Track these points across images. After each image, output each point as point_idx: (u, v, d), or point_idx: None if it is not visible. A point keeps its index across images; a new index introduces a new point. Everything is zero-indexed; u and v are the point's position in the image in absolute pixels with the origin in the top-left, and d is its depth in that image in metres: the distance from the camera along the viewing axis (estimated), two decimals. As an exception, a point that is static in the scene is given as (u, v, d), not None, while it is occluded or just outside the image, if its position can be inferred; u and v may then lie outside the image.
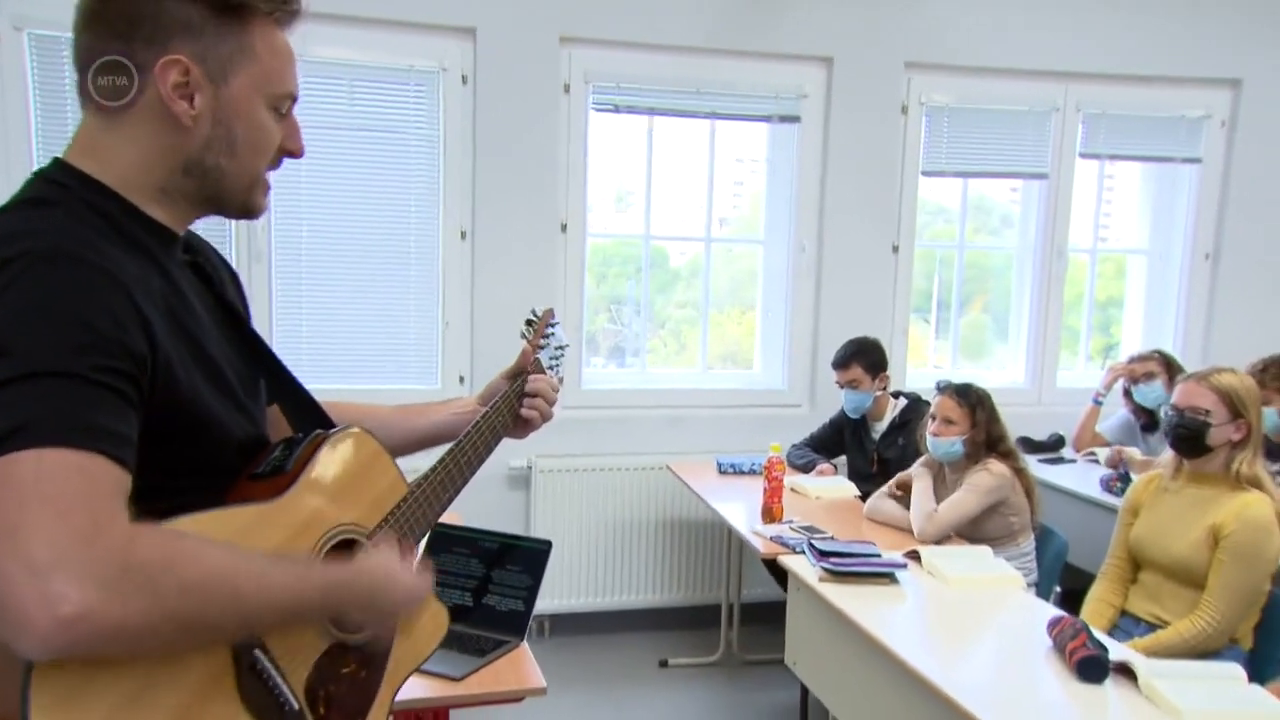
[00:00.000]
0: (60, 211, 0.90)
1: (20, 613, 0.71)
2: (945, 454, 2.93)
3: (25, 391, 0.77)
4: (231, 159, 0.99)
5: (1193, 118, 4.44)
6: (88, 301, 0.83)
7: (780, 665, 3.81)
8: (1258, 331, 4.35)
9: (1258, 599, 2.36)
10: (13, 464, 0.74)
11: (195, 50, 0.95)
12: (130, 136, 0.96)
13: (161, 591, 0.78)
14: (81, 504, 0.75)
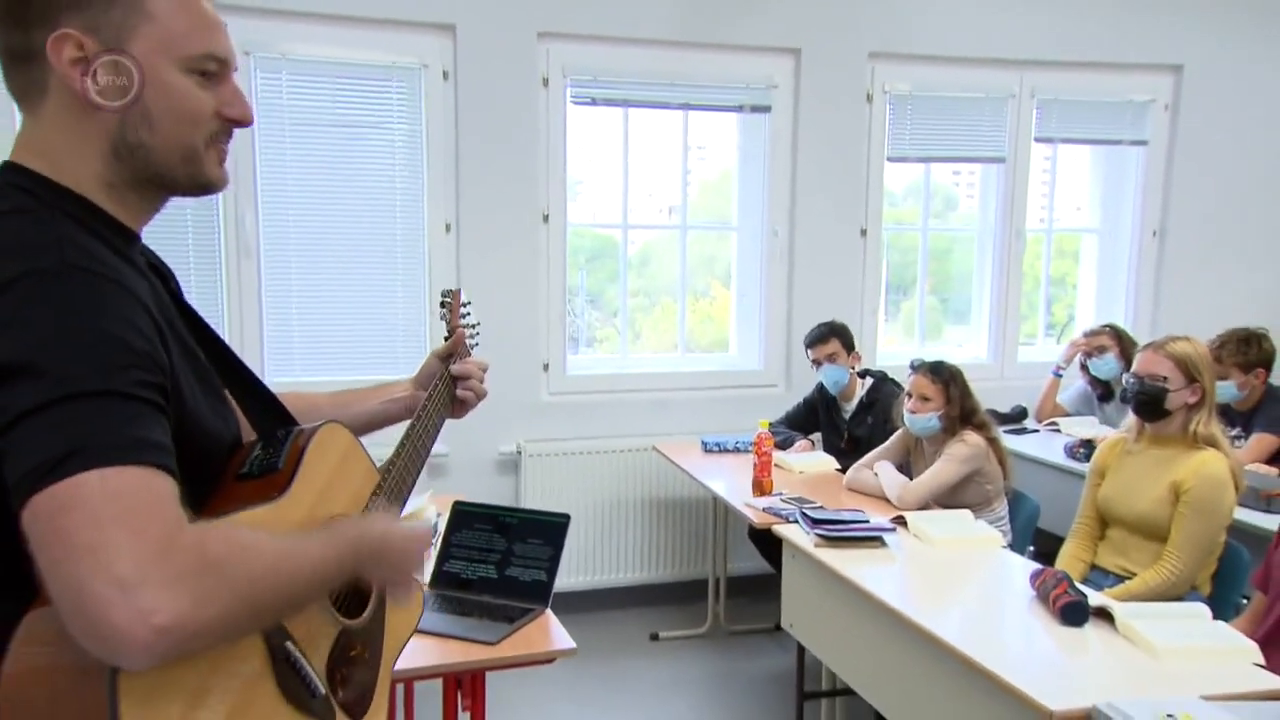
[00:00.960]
0: (46, 221, 0.88)
1: (117, 629, 0.73)
2: (923, 429, 3.09)
3: (71, 413, 0.77)
4: (152, 133, 0.94)
5: (1138, 102, 4.66)
6: (111, 316, 0.83)
7: (766, 634, 4.00)
8: (1203, 303, 4.62)
9: (1215, 549, 2.56)
10: (78, 487, 0.75)
11: (85, 22, 0.89)
12: (54, 126, 0.92)
13: (236, 586, 0.81)
14: (151, 518, 0.77)
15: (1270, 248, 4.84)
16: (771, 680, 3.60)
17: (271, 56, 3.65)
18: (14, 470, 0.77)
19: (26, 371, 0.77)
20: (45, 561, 0.75)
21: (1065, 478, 3.50)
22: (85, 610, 0.73)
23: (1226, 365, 3.50)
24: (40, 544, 0.75)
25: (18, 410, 0.77)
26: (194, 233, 3.68)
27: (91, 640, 0.74)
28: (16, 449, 0.76)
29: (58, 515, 0.74)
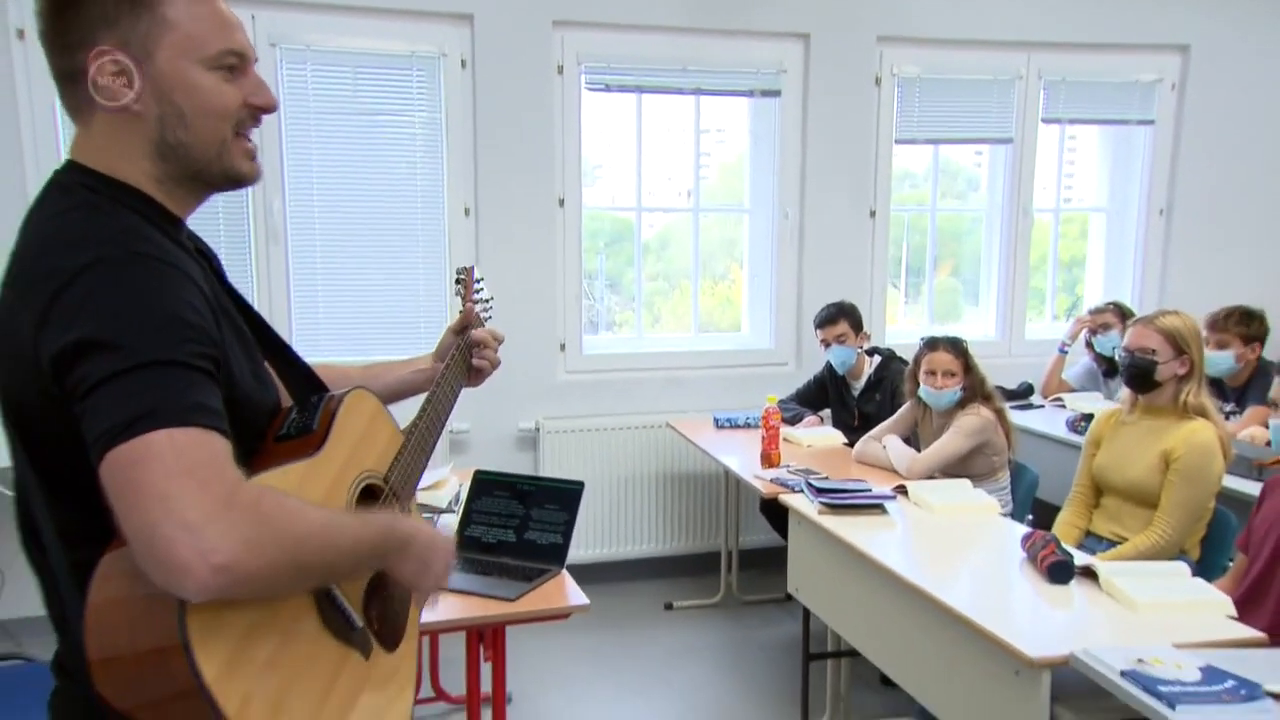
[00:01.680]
0: (111, 213, 0.99)
1: (182, 564, 0.84)
2: (947, 403, 3.19)
3: (142, 380, 0.88)
4: (187, 130, 1.04)
5: (1145, 82, 4.72)
6: (172, 296, 0.94)
7: (776, 604, 4.14)
8: (1208, 280, 4.69)
9: (1204, 514, 2.67)
10: (150, 443, 0.86)
11: (116, 38, 1.00)
12: (104, 134, 1.03)
13: (285, 543, 0.92)
14: (214, 473, 0.88)
15: (1274, 226, 4.89)
16: (781, 647, 3.73)
17: (297, 48, 3.79)
18: (92, 429, 0.88)
19: (102, 346, 0.89)
20: (122, 507, 0.86)
21: (1065, 450, 3.60)
22: (156, 548, 0.84)
23: (1230, 334, 3.59)
24: (117, 492, 0.86)
25: (96, 378, 0.88)
26: (225, 220, 3.83)
27: (159, 574, 0.85)
28: (94, 411, 0.88)
29: (133, 467, 0.86)
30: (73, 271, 0.92)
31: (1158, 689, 1.62)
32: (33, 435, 0.98)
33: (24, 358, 0.94)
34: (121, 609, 0.91)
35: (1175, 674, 1.68)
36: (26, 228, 1.02)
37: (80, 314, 0.90)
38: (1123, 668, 1.70)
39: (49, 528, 0.99)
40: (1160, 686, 1.63)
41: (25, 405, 0.97)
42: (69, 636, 1.03)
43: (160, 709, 0.91)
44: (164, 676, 0.89)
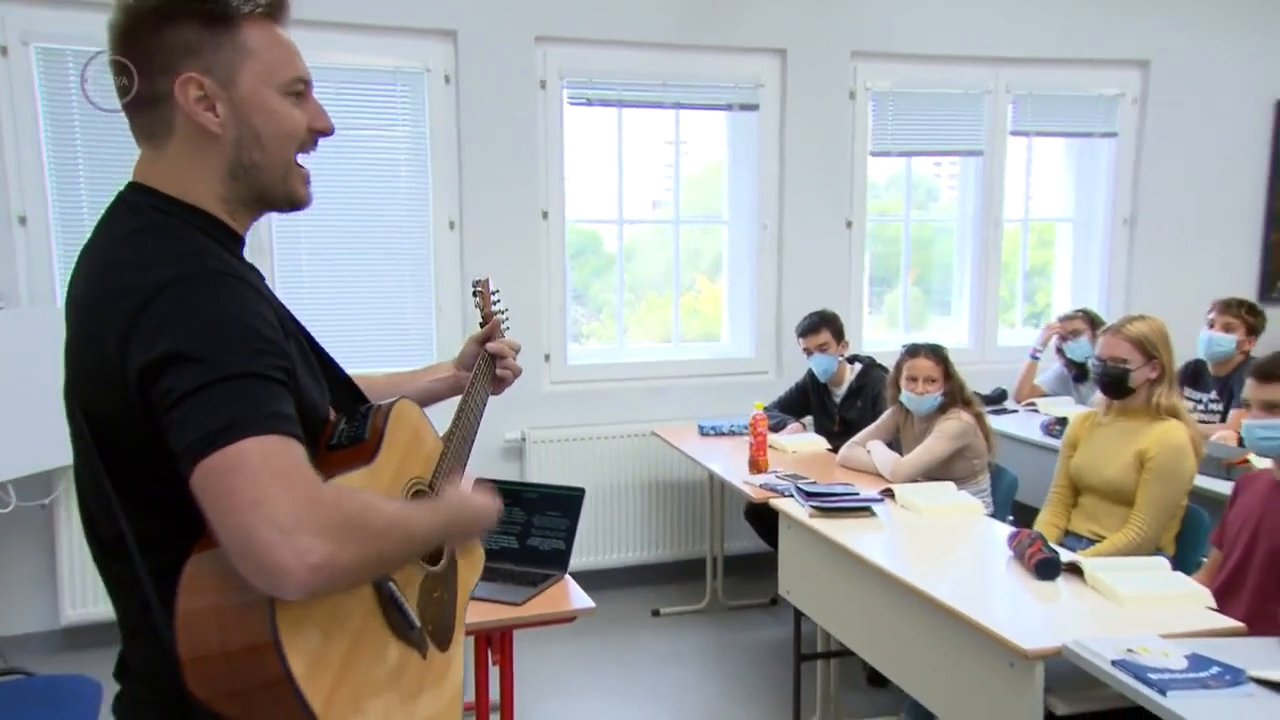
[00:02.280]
0: (183, 233, 1.04)
1: (279, 565, 0.87)
2: (928, 408, 3.27)
3: (226, 392, 0.92)
4: (263, 152, 1.10)
5: (1108, 96, 4.88)
6: (247, 311, 0.98)
7: (761, 608, 4.21)
8: (1171, 287, 4.85)
9: (1177, 511, 2.77)
10: (240, 452, 0.89)
11: (201, 65, 1.05)
12: (181, 155, 1.08)
13: (366, 537, 0.96)
14: (299, 476, 0.91)
15: (1234, 234, 5.07)
16: (767, 650, 3.79)
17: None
18: (181, 440, 0.92)
19: (186, 359, 0.93)
20: (217, 513, 0.90)
21: (1041, 453, 3.70)
22: (254, 551, 0.88)
23: (1239, 319, 3.75)
24: (211, 499, 0.90)
25: (182, 391, 0.92)
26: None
27: (258, 576, 0.89)
28: (182, 423, 0.92)
29: (226, 475, 0.89)
30: (153, 288, 0.96)
31: (1148, 677, 1.70)
32: (112, 447, 1.01)
33: (106, 371, 0.98)
34: (212, 611, 0.95)
35: (1163, 662, 1.76)
36: (97, 247, 1.06)
37: (163, 329, 0.94)
38: (1114, 657, 1.78)
39: (129, 536, 1.02)
40: (1150, 674, 1.71)
41: (106, 418, 1.00)
42: (143, 640, 1.06)
43: (251, 705, 0.95)
44: (256, 674, 0.93)
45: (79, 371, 1.03)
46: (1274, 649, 1.86)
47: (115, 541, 1.04)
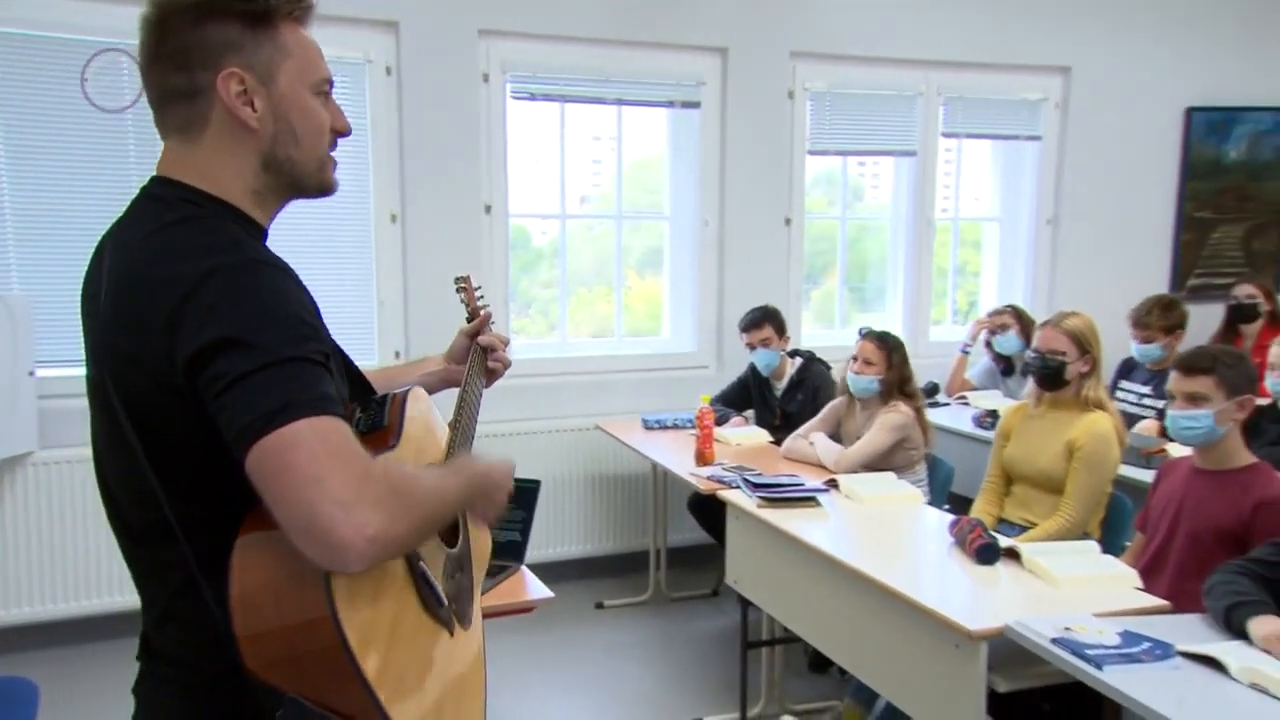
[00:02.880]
0: (218, 224, 1.07)
1: (341, 539, 0.91)
2: (863, 390, 3.37)
3: (276, 376, 0.95)
4: (297, 147, 1.14)
5: (1032, 100, 5.07)
6: (290, 298, 1.02)
7: (704, 599, 4.27)
8: (1092, 284, 5.07)
9: (1103, 498, 2.91)
10: (296, 432, 0.92)
11: (243, 61, 1.08)
12: (214, 149, 1.10)
13: (413, 506, 1.00)
14: (351, 454, 0.95)
15: (1150, 234, 5.32)
16: (710, 640, 3.85)
17: (215, 50, 3.71)
18: (235, 422, 0.94)
19: (235, 346, 0.95)
20: (276, 491, 0.92)
21: (973, 444, 3.84)
22: (315, 527, 0.91)
23: (1154, 330, 3.90)
24: (270, 477, 0.92)
25: (233, 376, 0.94)
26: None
27: (319, 550, 0.92)
28: (234, 406, 0.94)
29: (284, 453, 0.92)
30: (197, 278, 0.98)
31: (1085, 653, 1.80)
32: (156, 434, 1.03)
33: (151, 361, 1.00)
34: (267, 589, 0.98)
35: (1098, 639, 1.86)
36: (126, 240, 1.07)
37: (210, 317, 0.97)
38: (1053, 636, 1.87)
39: (172, 521, 1.04)
40: (1087, 650, 1.80)
41: (150, 406, 1.02)
42: (173, 623, 1.09)
43: (308, 676, 0.98)
44: (312, 645, 0.96)
45: (117, 361, 1.04)
46: (1197, 625, 1.98)
47: (151, 527, 1.06)
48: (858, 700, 2.83)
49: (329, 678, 0.97)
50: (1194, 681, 1.73)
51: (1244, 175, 5.41)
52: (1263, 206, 5.48)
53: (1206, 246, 5.42)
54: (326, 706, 0.98)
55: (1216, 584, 1.99)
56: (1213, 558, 2.23)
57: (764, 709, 3.17)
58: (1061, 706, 2.14)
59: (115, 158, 3.67)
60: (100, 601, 3.69)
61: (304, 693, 0.98)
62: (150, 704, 1.14)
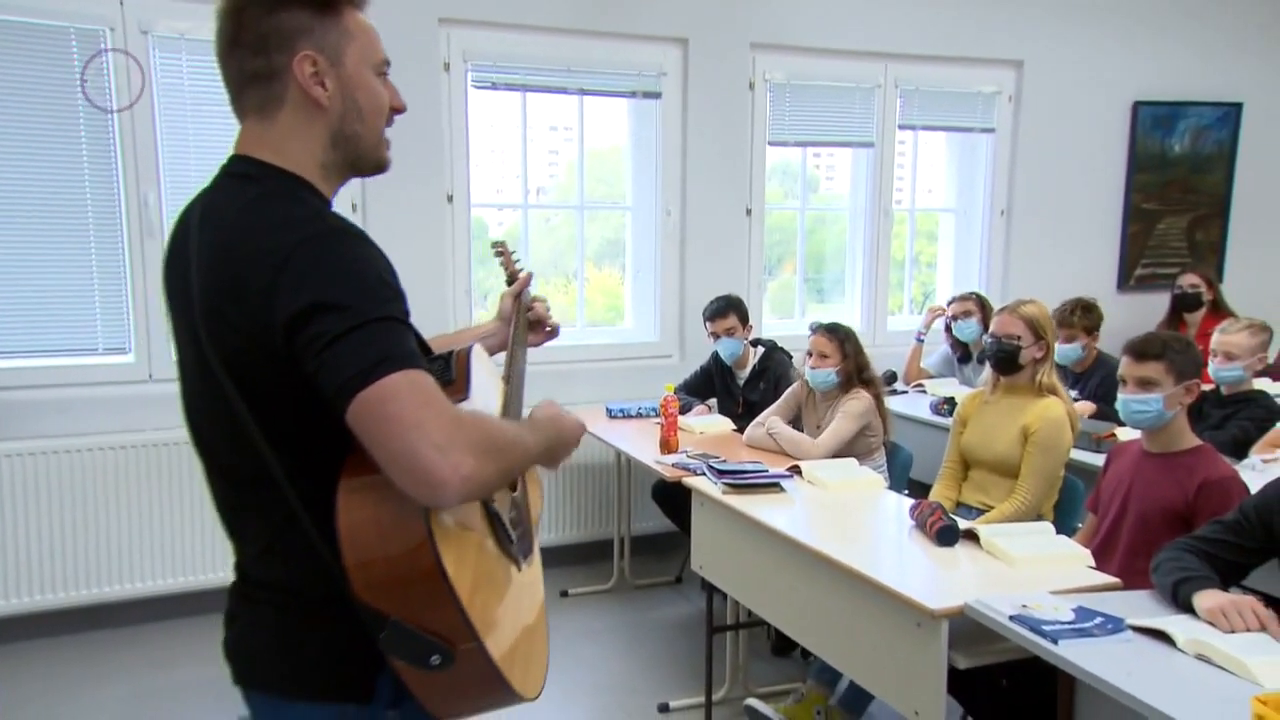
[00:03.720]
0: (302, 198, 1.17)
1: (439, 478, 1.01)
2: (822, 383, 3.43)
3: (371, 334, 1.05)
4: (362, 123, 1.23)
5: (986, 93, 5.17)
6: (374, 263, 1.11)
7: (668, 586, 4.31)
8: (1044, 274, 5.19)
9: (1056, 481, 3.00)
10: (394, 383, 1.03)
11: (314, 44, 1.18)
12: (289, 126, 1.20)
13: (499, 451, 1.10)
14: (442, 402, 1.05)
15: (1099, 224, 5.47)
16: (674, 626, 3.90)
17: (170, 36, 3.65)
18: (334, 379, 1.04)
19: (331, 308, 1.05)
20: (378, 437, 1.02)
21: (931, 431, 3.93)
22: (417, 468, 1.01)
23: (1076, 329, 4.01)
24: (372, 425, 1.02)
25: (331, 335, 1.04)
26: (94, 212, 3.65)
27: (419, 488, 1.03)
28: (334, 361, 1.04)
29: (385, 403, 1.02)
30: (288, 248, 1.08)
31: (1042, 629, 1.86)
32: (256, 393, 1.13)
33: (252, 325, 1.09)
34: (372, 523, 1.09)
35: (1054, 615, 1.92)
36: (216, 215, 1.16)
37: (303, 284, 1.06)
38: (1010, 613, 1.94)
39: (279, 473, 1.15)
40: (1044, 626, 1.87)
41: (254, 369, 1.11)
42: (274, 557, 1.21)
43: (409, 600, 1.09)
44: (413, 571, 1.08)
45: (221, 327, 1.12)
46: (1146, 600, 2.05)
47: (253, 475, 1.16)
48: (821, 681, 2.89)
49: (427, 601, 1.09)
50: (1143, 654, 1.80)
51: (1187, 168, 5.57)
52: (1205, 199, 5.66)
53: (1153, 237, 5.59)
54: (423, 627, 1.09)
55: (1163, 561, 2.07)
56: (1160, 537, 2.32)
57: (728, 692, 3.22)
58: (1018, 681, 2.22)
59: (68, 148, 3.59)
60: (46, 598, 3.63)
61: (404, 615, 1.09)
62: (248, 626, 1.25)
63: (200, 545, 3.80)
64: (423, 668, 1.11)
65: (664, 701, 3.20)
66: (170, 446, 3.73)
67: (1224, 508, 2.20)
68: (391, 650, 1.11)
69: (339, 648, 1.17)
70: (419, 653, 1.10)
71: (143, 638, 3.71)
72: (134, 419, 3.74)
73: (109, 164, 3.64)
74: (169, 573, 3.77)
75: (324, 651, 1.19)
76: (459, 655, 1.11)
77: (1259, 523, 2.06)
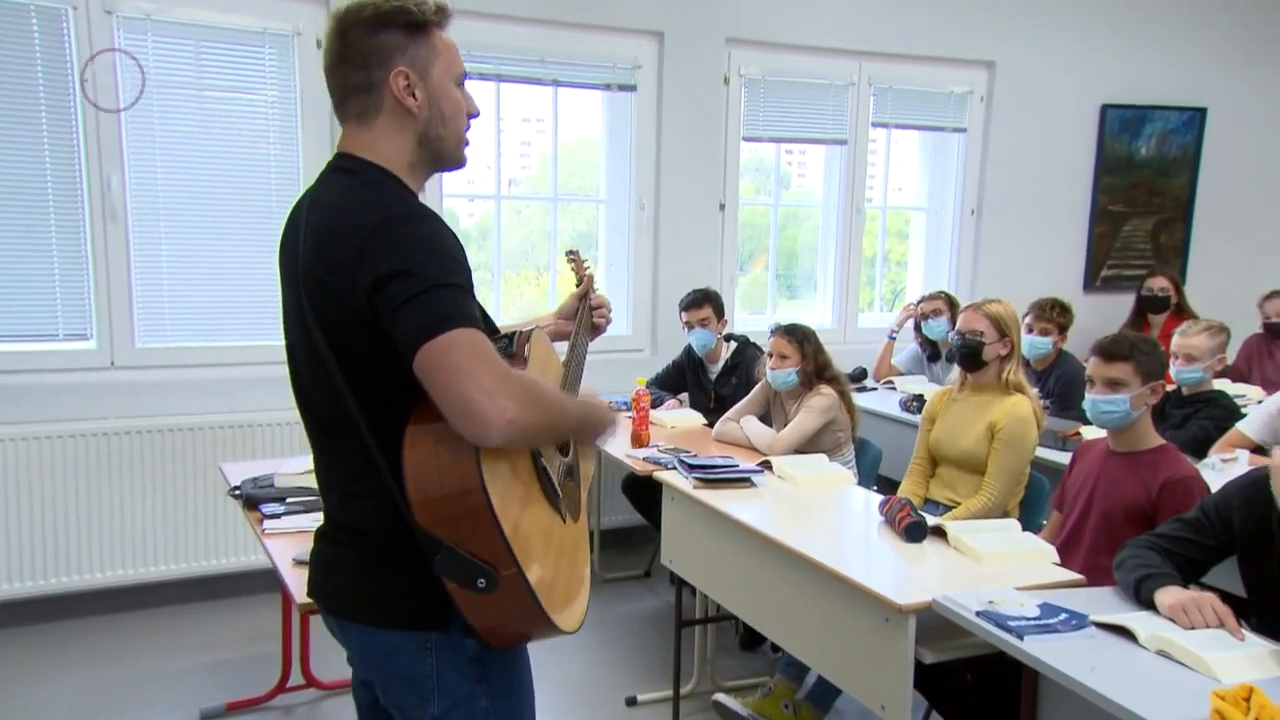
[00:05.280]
0: (390, 187, 1.37)
1: (485, 418, 1.20)
2: (783, 384, 3.44)
3: (437, 297, 1.23)
4: (445, 128, 1.42)
5: (958, 93, 5.20)
6: (446, 240, 1.30)
7: (637, 580, 4.31)
8: (1013, 273, 5.25)
9: (1023, 478, 3.04)
10: (455, 337, 1.22)
11: (407, 61, 1.37)
12: (384, 130, 1.39)
13: (541, 405, 1.29)
14: (494, 358, 1.24)
15: (1067, 225, 5.53)
16: (642, 620, 3.90)
17: (135, 17, 3.58)
18: (407, 331, 1.23)
19: (406, 274, 1.24)
20: (439, 382, 1.21)
21: (899, 428, 3.96)
22: (470, 408, 1.20)
23: (1052, 323, 4.06)
24: (434, 372, 1.21)
25: (405, 296, 1.23)
26: (55, 194, 3.57)
27: (469, 427, 1.21)
28: (406, 318, 1.23)
29: (445, 353, 1.21)
30: (375, 225, 1.28)
31: (1008, 624, 1.88)
32: (343, 348, 1.32)
33: (342, 289, 1.28)
34: (431, 462, 1.28)
35: (1019, 611, 1.94)
36: (321, 201, 1.37)
37: (386, 253, 1.26)
38: (977, 609, 1.95)
39: (357, 417, 1.33)
40: (1010, 622, 1.89)
41: (343, 328, 1.31)
42: (354, 501, 1.40)
43: (461, 529, 1.28)
44: (465, 505, 1.27)
45: (316, 292, 1.32)
46: (1109, 597, 2.08)
47: (339, 421, 1.36)
48: (789, 675, 2.90)
49: (475, 530, 1.27)
50: (1106, 649, 1.83)
51: (1153, 171, 5.66)
52: (1169, 202, 5.75)
53: (1118, 238, 5.66)
54: (472, 553, 1.28)
55: (1126, 558, 2.10)
56: (1123, 534, 2.35)
57: (696, 686, 3.22)
58: (983, 676, 2.24)
59: (28, 128, 3.51)
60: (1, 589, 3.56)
61: (457, 542, 1.28)
62: (330, 564, 1.46)
63: (160, 537, 3.73)
64: (471, 589, 1.29)
65: (632, 695, 3.20)
66: (131, 435, 3.66)
67: (1186, 506, 2.24)
68: (444, 572, 1.29)
69: (416, 583, 1.33)
70: (468, 575, 1.28)
71: (99, 630, 3.65)
72: (95, 407, 3.66)
73: (71, 145, 3.56)
74: (128, 564, 3.70)
75: (403, 586, 1.35)
76: (502, 580, 1.29)
77: (1219, 521, 2.09)
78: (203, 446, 3.76)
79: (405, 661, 1.40)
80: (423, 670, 1.39)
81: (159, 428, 3.70)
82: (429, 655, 1.38)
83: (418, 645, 1.38)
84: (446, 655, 1.39)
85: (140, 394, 3.73)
